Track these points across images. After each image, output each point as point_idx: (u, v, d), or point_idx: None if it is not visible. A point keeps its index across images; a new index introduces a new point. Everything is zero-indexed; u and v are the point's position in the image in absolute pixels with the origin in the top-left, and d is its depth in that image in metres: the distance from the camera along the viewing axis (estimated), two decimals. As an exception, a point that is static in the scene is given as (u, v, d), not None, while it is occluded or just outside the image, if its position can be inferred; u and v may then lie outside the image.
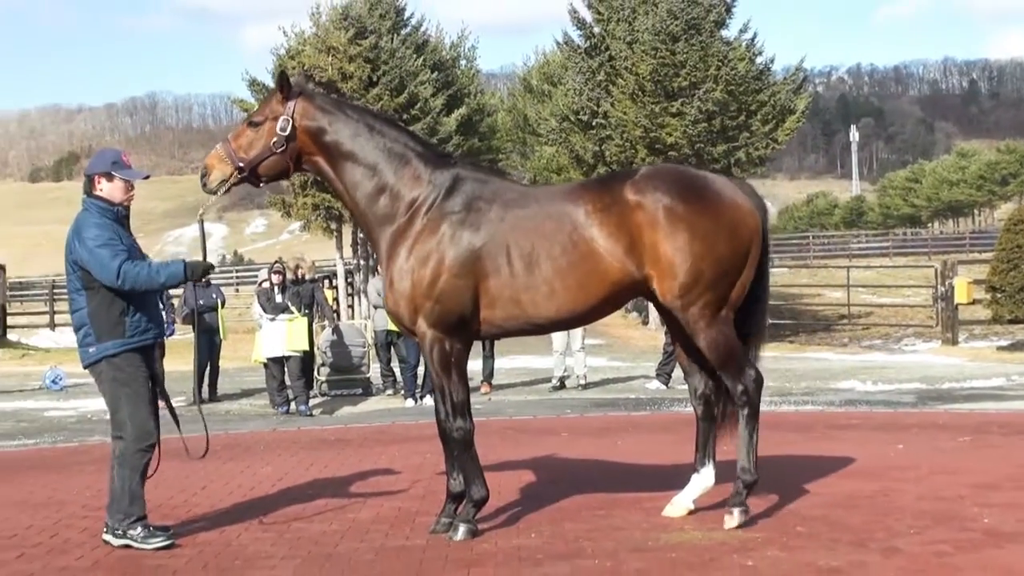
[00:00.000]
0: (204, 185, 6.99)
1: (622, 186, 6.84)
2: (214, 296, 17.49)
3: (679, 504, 7.20)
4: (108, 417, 6.95)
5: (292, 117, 6.90)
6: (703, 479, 7.22)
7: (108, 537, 6.77)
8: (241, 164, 6.89)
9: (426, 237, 6.79)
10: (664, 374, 17.34)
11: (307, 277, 17.10)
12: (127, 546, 6.68)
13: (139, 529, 6.70)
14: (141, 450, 6.71)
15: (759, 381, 6.95)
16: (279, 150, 6.91)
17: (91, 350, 6.76)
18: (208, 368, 17.34)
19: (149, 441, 6.74)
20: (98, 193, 6.85)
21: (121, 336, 6.72)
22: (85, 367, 6.91)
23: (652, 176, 6.89)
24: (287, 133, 6.89)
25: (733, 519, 6.81)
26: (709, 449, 7.23)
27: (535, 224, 6.79)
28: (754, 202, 6.95)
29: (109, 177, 6.85)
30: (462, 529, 6.77)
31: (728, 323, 6.84)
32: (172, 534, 6.85)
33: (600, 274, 6.72)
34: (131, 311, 6.74)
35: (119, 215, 6.87)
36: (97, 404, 16.65)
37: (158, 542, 6.69)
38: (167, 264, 6.87)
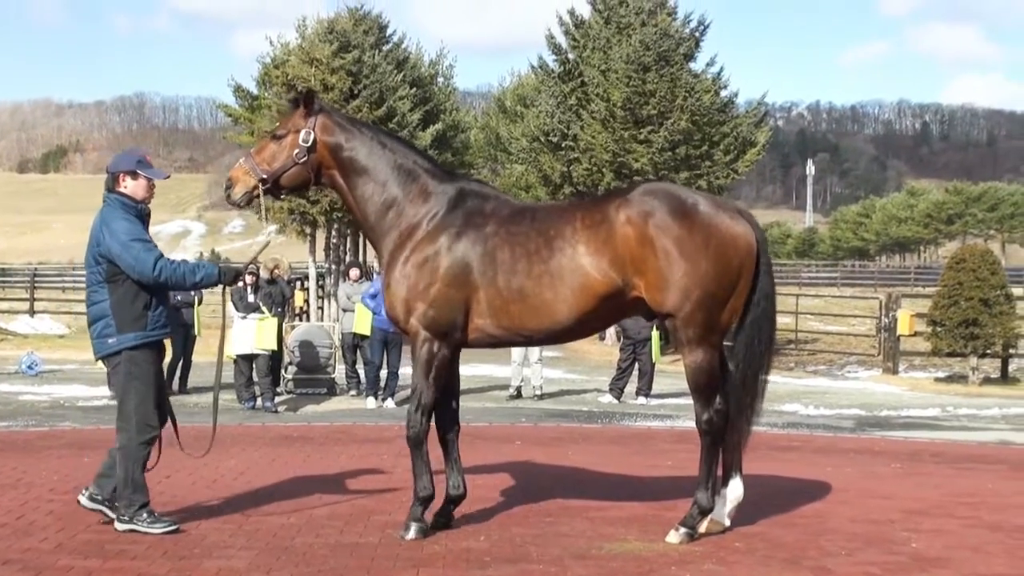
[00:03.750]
0: (228, 197, 7.25)
1: (614, 204, 6.89)
2: (191, 293, 17.69)
3: (716, 519, 7.19)
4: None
5: (314, 130, 7.18)
6: (732, 491, 7.23)
7: (118, 525, 6.91)
8: (264, 176, 7.15)
9: (425, 246, 7.02)
10: (617, 389, 17.77)
11: (283, 278, 17.36)
12: (132, 530, 6.82)
13: (145, 515, 6.87)
14: (143, 443, 6.89)
15: (724, 413, 6.98)
16: (301, 160, 7.17)
17: (110, 341, 6.88)
18: (181, 362, 17.57)
19: (151, 435, 6.93)
20: (121, 190, 7.03)
21: (143, 329, 6.88)
22: (100, 358, 7.03)
23: (645, 194, 6.90)
24: (308, 144, 7.17)
25: (676, 536, 6.93)
26: (735, 461, 7.22)
27: (525, 240, 6.94)
28: (748, 227, 6.94)
29: (134, 175, 7.04)
30: (413, 528, 6.91)
31: (714, 348, 6.87)
32: (176, 520, 7.02)
33: (585, 288, 6.78)
34: (154, 305, 6.92)
35: (141, 212, 7.05)
36: (70, 391, 16.79)
37: (163, 527, 6.86)
38: (202, 265, 7.07)
